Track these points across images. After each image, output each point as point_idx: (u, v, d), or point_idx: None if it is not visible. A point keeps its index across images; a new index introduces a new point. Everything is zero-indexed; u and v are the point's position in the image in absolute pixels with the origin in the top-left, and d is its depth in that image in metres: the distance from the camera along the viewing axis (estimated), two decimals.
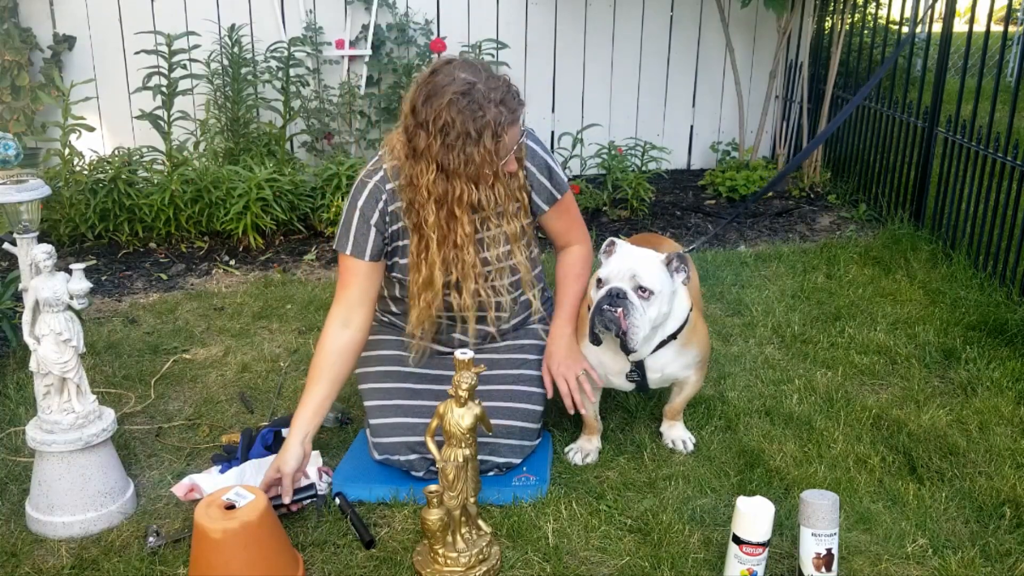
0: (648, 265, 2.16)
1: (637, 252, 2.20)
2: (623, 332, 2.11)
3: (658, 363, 2.28)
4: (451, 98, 1.92)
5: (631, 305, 2.10)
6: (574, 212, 2.36)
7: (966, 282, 3.54)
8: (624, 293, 2.11)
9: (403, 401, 2.26)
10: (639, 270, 2.13)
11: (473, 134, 1.93)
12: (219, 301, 3.51)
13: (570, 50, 5.30)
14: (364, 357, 2.35)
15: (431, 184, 2.00)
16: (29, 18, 4.61)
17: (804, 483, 2.22)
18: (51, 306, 2.00)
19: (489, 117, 1.94)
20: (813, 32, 5.25)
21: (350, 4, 4.82)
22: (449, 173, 1.98)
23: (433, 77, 1.97)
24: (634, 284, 2.12)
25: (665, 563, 1.94)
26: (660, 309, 2.15)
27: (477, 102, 1.93)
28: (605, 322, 2.12)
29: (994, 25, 3.97)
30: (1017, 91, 3.42)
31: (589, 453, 2.37)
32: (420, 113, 1.95)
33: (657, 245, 2.62)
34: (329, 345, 2.16)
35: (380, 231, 2.14)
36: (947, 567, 1.93)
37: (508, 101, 1.98)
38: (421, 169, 1.99)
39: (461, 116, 1.92)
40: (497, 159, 2.00)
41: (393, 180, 2.11)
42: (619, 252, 2.22)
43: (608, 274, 2.17)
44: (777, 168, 5.17)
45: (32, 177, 2.04)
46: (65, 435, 2.05)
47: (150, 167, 4.21)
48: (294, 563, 1.89)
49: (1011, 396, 2.67)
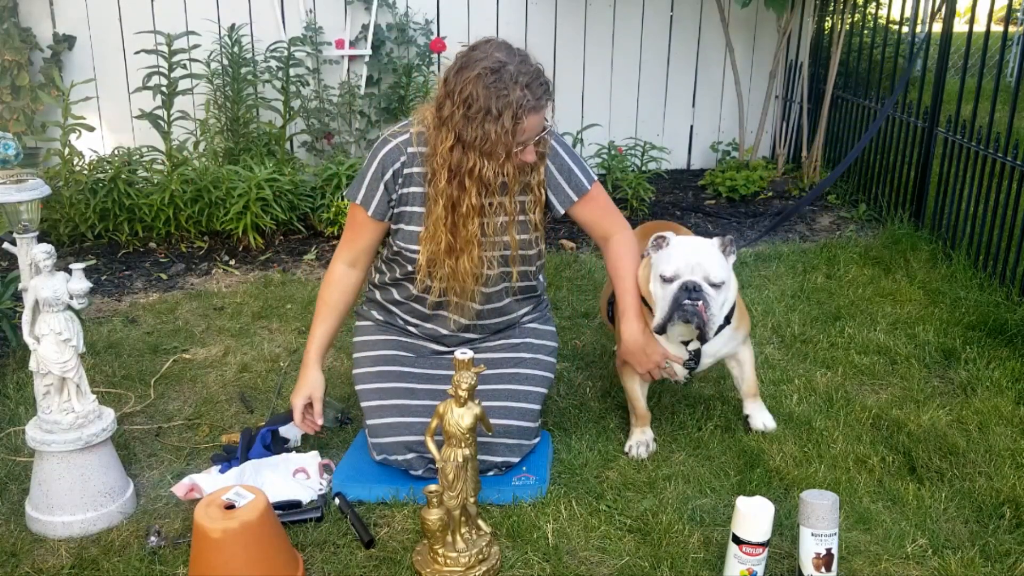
0: (712, 256, 2.24)
1: (695, 243, 2.27)
2: (703, 323, 2.19)
3: (713, 347, 2.36)
4: (479, 72, 1.97)
5: (708, 296, 2.19)
6: (603, 202, 2.35)
7: (966, 282, 3.54)
8: (699, 286, 2.19)
9: (400, 401, 2.26)
10: (705, 262, 2.22)
11: (494, 111, 1.98)
12: (219, 301, 3.51)
13: (570, 50, 5.30)
14: (360, 357, 2.35)
15: (447, 152, 2.06)
16: (29, 18, 4.61)
17: (804, 483, 2.22)
18: (51, 306, 2.00)
19: (512, 98, 1.98)
20: (813, 32, 5.25)
21: (350, 4, 4.82)
22: (465, 145, 2.04)
23: (471, 52, 2.03)
24: (704, 275, 2.20)
25: (665, 563, 1.94)
26: (727, 295, 2.26)
27: (503, 81, 1.97)
28: (686, 316, 2.19)
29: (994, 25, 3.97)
30: (1017, 91, 3.42)
31: (648, 443, 2.42)
32: (450, 83, 2.02)
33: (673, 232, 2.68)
34: (337, 283, 2.29)
35: (388, 190, 2.19)
36: (947, 567, 1.93)
37: (534, 87, 2.02)
38: (442, 136, 2.06)
39: (486, 92, 1.97)
40: (512, 140, 2.03)
41: (416, 145, 2.16)
42: (676, 246, 2.27)
43: (676, 270, 2.22)
44: (777, 168, 5.17)
45: (32, 177, 2.04)
46: (65, 435, 2.05)
47: (150, 167, 4.21)
48: (294, 563, 1.89)
49: (1011, 396, 2.67)
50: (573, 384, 2.80)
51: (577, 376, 2.86)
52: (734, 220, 4.59)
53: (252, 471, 2.23)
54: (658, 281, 2.25)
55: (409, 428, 2.21)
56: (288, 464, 2.28)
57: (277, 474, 2.22)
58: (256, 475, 2.21)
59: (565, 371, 2.88)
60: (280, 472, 2.23)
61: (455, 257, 2.17)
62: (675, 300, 2.19)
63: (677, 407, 2.63)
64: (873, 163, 4.62)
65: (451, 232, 2.14)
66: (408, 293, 2.32)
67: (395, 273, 2.32)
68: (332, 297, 2.30)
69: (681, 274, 2.21)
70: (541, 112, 2.06)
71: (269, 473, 2.22)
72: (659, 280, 2.25)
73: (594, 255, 4.06)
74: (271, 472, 2.22)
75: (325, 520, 2.10)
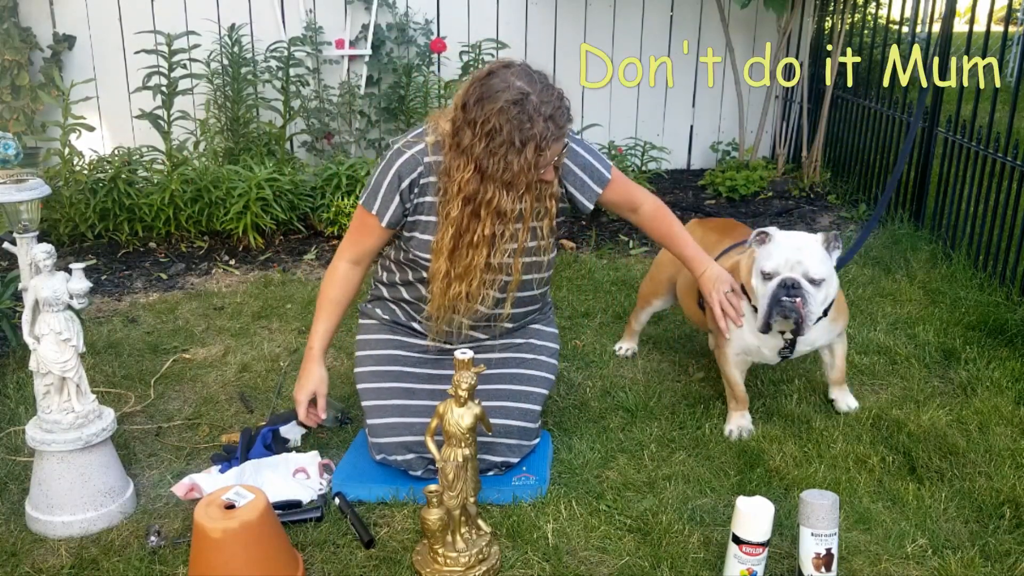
0: (814, 253, 2.28)
1: (797, 240, 2.31)
2: (801, 319, 2.25)
3: (810, 338, 2.40)
4: (503, 105, 1.94)
5: (807, 294, 2.24)
6: (622, 181, 2.35)
7: (966, 282, 3.54)
8: (798, 283, 2.24)
9: (399, 401, 2.26)
10: (805, 259, 2.26)
11: (517, 144, 1.95)
12: (219, 301, 3.51)
13: (570, 50, 5.30)
14: (362, 356, 2.35)
15: (464, 181, 2.03)
16: (29, 18, 4.61)
17: (804, 483, 2.22)
18: (51, 306, 2.00)
19: (536, 130, 1.96)
20: (813, 32, 5.25)
21: (350, 4, 4.82)
22: (484, 175, 2.01)
23: (489, 79, 1.99)
24: (803, 272, 2.25)
25: (665, 563, 1.94)
26: (828, 292, 2.30)
27: (527, 113, 1.95)
28: (785, 312, 2.25)
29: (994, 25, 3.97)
30: (1017, 91, 3.42)
31: (748, 427, 2.48)
32: (470, 112, 1.98)
33: (736, 229, 2.76)
34: (341, 280, 2.29)
35: (404, 200, 2.17)
36: (947, 567, 1.93)
37: (558, 117, 1.99)
38: (460, 164, 2.03)
39: (509, 124, 1.94)
40: (535, 171, 2.02)
41: (432, 155, 2.14)
42: (779, 241, 2.31)
43: (776, 266, 2.27)
44: (777, 168, 5.17)
45: (32, 177, 2.04)
46: (65, 435, 2.05)
47: (150, 167, 4.21)
48: (294, 563, 1.89)
49: (1011, 396, 2.67)
50: (573, 384, 2.80)
51: (577, 376, 2.86)
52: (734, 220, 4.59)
53: (252, 471, 2.23)
54: (759, 277, 2.31)
55: (409, 428, 2.21)
56: (288, 464, 2.27)
57: (277, 474, 2.22)
58: (256, 475, 2.21)
59: (565, 371, 2.88)
60: (280, 472, 2.23)
61: (447, 282, 2.16)
62: (774, 297, 2.25)
63: (677, 407, 2.63)
64: (873, 163, 4.62)
65: (450, 258, 2.12)
66: (419, 294, 2.31)
67: (407, 275, 2.31)
68: (335, 294, 2.30)
69: (780, 271, 2.26)
70: (563, 139, 2.05)
71: (269, 473, 2.22)
72: (760, 276, 2.30)
73: (594, 255, 4.06)
74: (271, 472, 2.22)
75: (325, 520, 2.10)
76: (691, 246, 2.41)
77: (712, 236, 2.77)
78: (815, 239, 2.31)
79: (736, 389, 2.50)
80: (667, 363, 2.95)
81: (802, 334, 2.31)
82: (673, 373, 2.88)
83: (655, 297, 2.95)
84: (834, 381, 2.61)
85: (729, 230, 2.79)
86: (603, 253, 4.09)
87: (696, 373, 2.87)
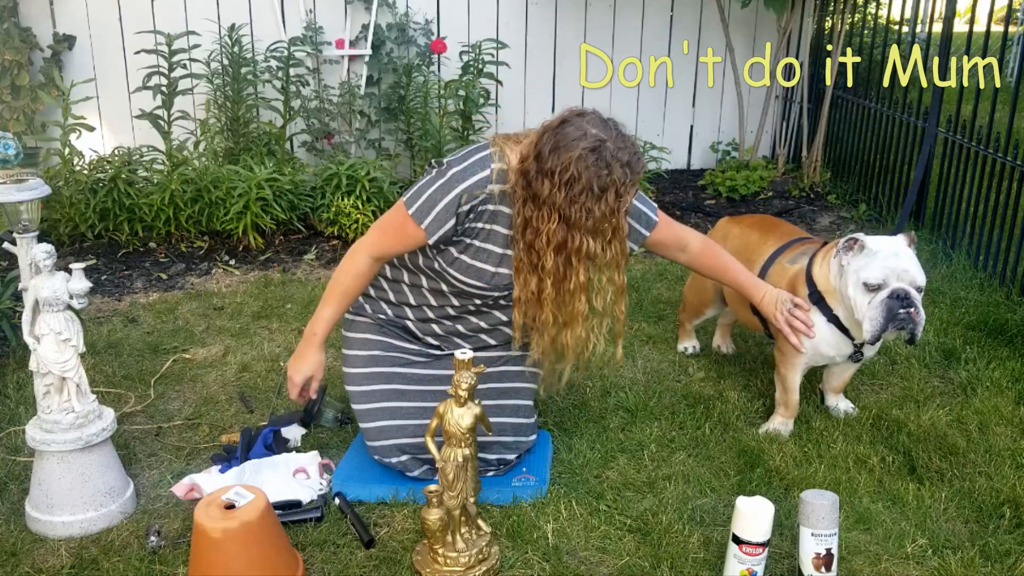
0: (913, 259, 2.25)
1: (893, 247, 2.26)
2: (915, 328, 2.21)
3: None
4: (580, 153, 1.93)
5: (917, 302, 2.21)
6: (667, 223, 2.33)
7: (966, 282, 3.54)
8: (908, 293, 2.20)
9: (389, 403, 2.25)
10: (909, 266, 2.23)
11: (596, 190, 1.95)
12: (219, 301, 3.51)
13: (570, 50, 5.30)
14: (349, 356, 2.32)
15: (552, 232, 2.01)
16: (29, 18, 4.61)
17: (804, 483, 2.22)
18: (51, 306, 2.00)
19: (615, 176, 1.95)
20: (813, 32, 5.25)
21: (350, 4, 4.82)
22: (570, 224, 2.00)
23: (563, 127, 1.98)
24: (910, 281, 2.21)
25: (665, 563, 1.94)
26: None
27: (605, 160, 1.94)
28: (901, 324, 2.21)
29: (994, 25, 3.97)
30: (1017, 91, 3.42)
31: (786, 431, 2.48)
32: (546, 161, 1.96)
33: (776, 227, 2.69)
34: (362, 274, 2.23)
35: (459, 222, 2.12)
36: (947, 567, 1.93)
37: (634, 164, 1.99)
38: (543, 216, 2.01)
39: (587, 172, 1.94)
40: (618, 216, 2.01)
41: (497, 183, 2.10)
42: (875, 250, 2.26)
43: (883, 277, 2.22)
44: (777, 168, 5.17)
45: (32, 176, 2.04)
46: (65, 435, 2.05)
47: (150, 167, 4.21)
48: (294, 563, 1.89)
49: (1011, 396, 2.67)
50: (573, 384, 2.80)
51: (577, 376, 2.86)
52: None
53: (252, 471, 2.23)
54: (860, 288, 2.24)
55: (400, 430, 2.20)
56: (288, 464, 2.27)
57: (277, 474, 2.22)
58: (256, 475, 2.21)
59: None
60: (280, 472, 2.23)
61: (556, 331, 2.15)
62: (889, 310, 2.20)
63: (677, 407, 2.63)
64: (873, 163, 4.62)
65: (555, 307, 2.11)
66: (427, 301, 2.29)
67: (420, 280, 2.27)
68: (352, 285, 2.24)
69: (888, 282, 2.21)
70: (638, 184, 2.04)
71: (269, 473, 2.22)
72: (862, 287, 2.24)
73: None
74: (271, 472, 2.22)
75: (325, 520, 2.10)
76: (743, 273, 2.39)
77: (753, 234, 2.71)
78: (904, 243, 2.27)
79: (791, 396, 2.47)
80: (667, 363, 2.95)
81: (915, 343, 2.27)
82: (673, 373, 2.88)
83: (704, 307, 2.90)
84: (835, 389, 2.60)
85: (770, 228, 2.71)
86: None
87: (696, 373, 2.87)
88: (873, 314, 2.22)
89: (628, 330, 3.19)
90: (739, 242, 2.70)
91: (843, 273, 2.30)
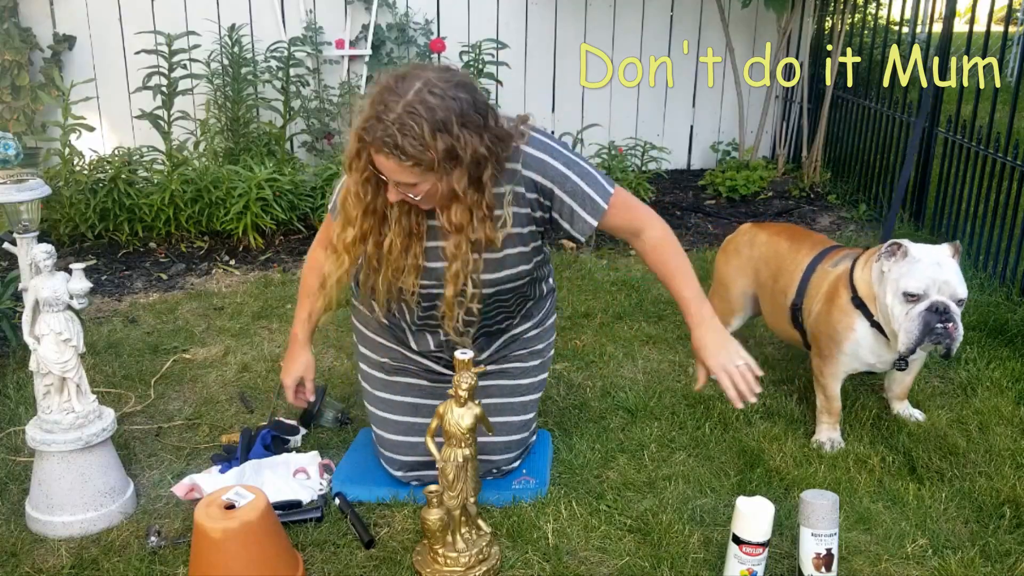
0: (956, 270, 2.18)
1: (937, 256, 2.19)
2: (952, 342, 2.15)
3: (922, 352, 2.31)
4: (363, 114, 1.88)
5: (956, 316, 2.14)
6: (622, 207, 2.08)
7: (966, 282, 3.53)
8: (948, 307, 2.14)
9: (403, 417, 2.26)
10: (951, 278, 2.16)
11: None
12: (219, 301, 3.51)
13: (570, 50, 5.30)
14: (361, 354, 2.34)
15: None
16: (29, 18, 4.61)
17: (804, 483, 2.22)
18: (51, 306, 1.99)
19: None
20: (813, 32, 5.25)
21: (350, 4, 4.82)
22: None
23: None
24: (951, 294, 2.15)
25: (665, 563, 1.94)
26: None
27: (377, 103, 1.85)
28: (936, 338, 2.15)
29: (994, 25, 3.97)
30: (1017, 91, 3.42)
31: (836, 440, 2.42)
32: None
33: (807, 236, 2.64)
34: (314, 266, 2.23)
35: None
36: (947, 567, 1.93)
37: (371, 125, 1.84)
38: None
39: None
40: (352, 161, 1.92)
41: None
42: (917, 257, 2.19)
43: (924, 287, 2.15)
44: (777, 168, 5.17)
45: (32, 177, 2.04)
46: (65, 435, 2.05)
47: (150, 167, 4.21)
48: (294, 563, 1.89)
49: (1011, 396, 2.67)
50: (573, 384, 2.80)
51: (577, 376, 2.86)
52: (734, 220, 4.59)
53: (252, 471, 2.23)
54: (899, 298, 2.18)
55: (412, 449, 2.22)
56: (288, 465, 2.28)
57: (277, 475, 2.22)
58: (256, 475, 2.21)
59: (565, 371, 2.88)
60: (280, 473, 2.23)
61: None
62: (926, 324, 2.14)
63: (677, 407, 2.63)
64: (873, 163, 4.62)
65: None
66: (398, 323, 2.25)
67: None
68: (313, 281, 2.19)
69: (929, 293, 2.15)
70: (383, 155, 1.83)
71: (269, 473, 2.22)
72: (901, 297, 2.18)
73: (594, 255, 4.06)
74: (271, 472, 2.22)
75: (325, 520, 2.10)
76: (691, 289, 2.08)
77: (782, 242, 2.63)
78: (948, 252, 2.20)
79: (833, 404, 2.42)
80: (667, 363, 2.95)
81: (950, 357, 2.21)
82: (673, 373, 2.88)
83: (732, 316, 2.79)
84: (899, 396, 2.57)
85: (800, 236, 2.64)
86: (603, 253, 4.09)
87: (696, 373, 2.86)
88: (910, 326, 2.16)
89: (628, 330, 3.20)
90: (767, 249, 2.66)
91: (883, 279, 2.24)
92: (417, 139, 1.77)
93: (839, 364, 2.39)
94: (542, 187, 1.99)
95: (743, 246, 2.75)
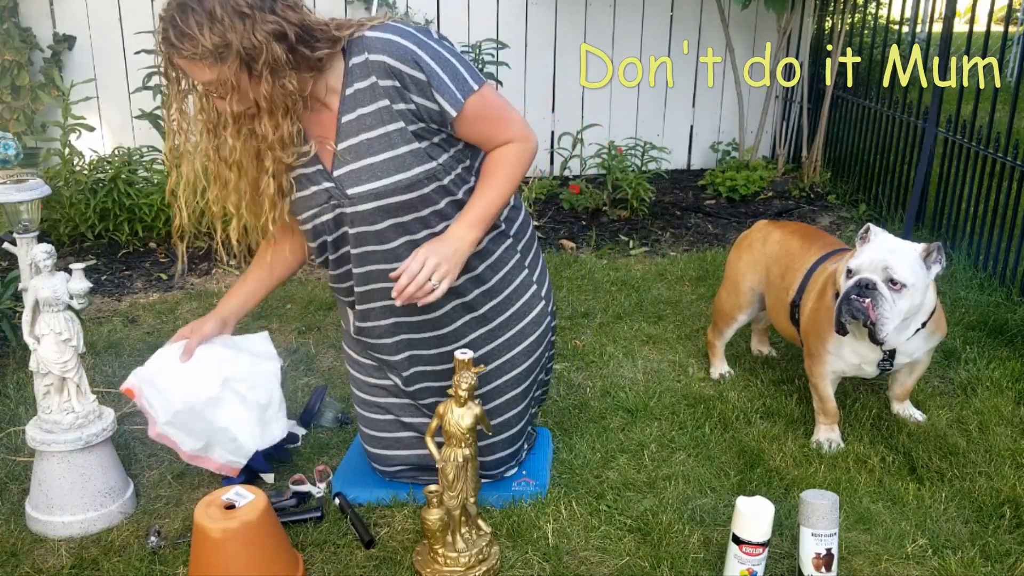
0: (902, 257, 2.18)
1: (893, 243, 2.22)
2: (871, 323, 2.15)
3: (908, 349, 2.34)
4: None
5: (880, 296, 2.14)
6: (490, 106, 1.90)
7: (966, 282, 3.54)
8: (874, 284, 2.15)
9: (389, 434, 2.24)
10: (892, 262, 2.16)
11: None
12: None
13: (570, 50, 5.30)
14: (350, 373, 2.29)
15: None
16: (29, 18, 4.61)
17: (804, 483, 2.22)
18: (51, 306, 2.00)
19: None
20: (813, 32, 5.25)
21: (350, 4, 4.82)
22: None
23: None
24: (886, 276, 2.16)
25: (665, 563, 1.94)
26: (912, 301, 2.19)
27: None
28: (852, 311, 2.17)
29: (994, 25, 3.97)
30: (1017, 91, 3.42)
31: (835, 440, 2.42)
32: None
33: (820, 237, 2.65)
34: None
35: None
36: (947, 567, 1.93)
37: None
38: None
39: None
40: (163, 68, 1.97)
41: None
42: (874, 241, 2.23)
43: (859, 264, 2.19)
44: (777, 168, 5.17)
45: (32, 177, 2.04)
46: (65, 435, 2.05)
47: (150, 167, 4.21)
48: (294, 563, 1.89)
49: (1011, 396, 2.67)
50: (573, 384, 2.80)
51: (577, 376, 2.86)
52: (734, 220, 4.59)
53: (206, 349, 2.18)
54: (843, 275, 2.23)
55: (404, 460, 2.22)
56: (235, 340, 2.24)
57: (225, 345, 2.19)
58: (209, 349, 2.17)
59: (565, 371, 2.88)
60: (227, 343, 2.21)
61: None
62: (846, 294, 2.18)
63: (677, 407, 2.63)
64: (873, 163, 4.62)
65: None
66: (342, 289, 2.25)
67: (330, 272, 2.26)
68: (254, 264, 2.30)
69: (863, 269, 2.18)
70: (186, 60, 1.86)
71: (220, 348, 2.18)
72: (843, 274, 2.23)
73: (594, 255, 4.06)
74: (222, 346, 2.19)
75: (325, 520, 2.10)
76: (487, 197, 1.91)
77: (794, 241, 2.63)
78: (913, 247, 2.20)
79: (827, 404, 2.43)
80: (667, 363, 2.95)
81: (877, 341, 2.19)
82: (673, 373, 2.88)
83: (739, 311, 2.77)
84: (899, 397, 2.56)
85: (813, 237, 2.64)
86: (603, 253, 4.09)
87: (696, 373, 2.86)
88: (839, 300, 2.21)
89: (628, 330, 3.20)
90: (780, 247, 2.66)
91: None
92: (190, 29, 1.79)
93: (826, 363, 2.40)
94: (395, 71, 1.84)
95: (756, 243, 2.76)
